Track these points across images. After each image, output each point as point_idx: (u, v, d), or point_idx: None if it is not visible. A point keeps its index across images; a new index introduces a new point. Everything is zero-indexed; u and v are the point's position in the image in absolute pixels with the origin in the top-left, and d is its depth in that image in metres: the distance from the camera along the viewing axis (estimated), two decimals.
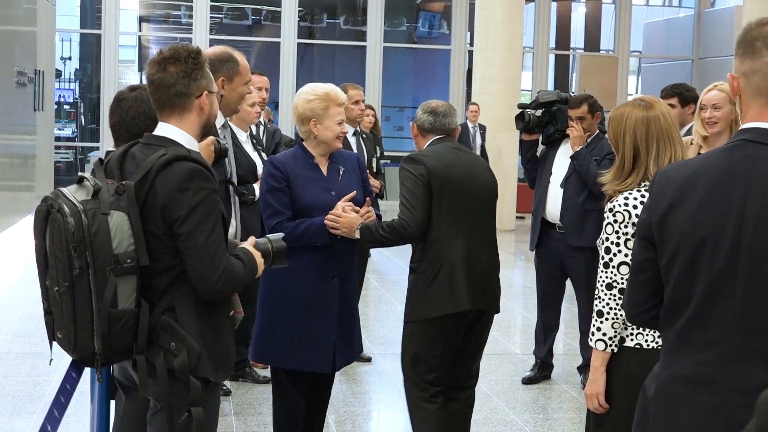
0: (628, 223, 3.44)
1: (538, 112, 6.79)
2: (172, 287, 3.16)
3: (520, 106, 6.91)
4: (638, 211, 3.44)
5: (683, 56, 21.56)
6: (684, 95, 6.60)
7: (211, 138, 3.91)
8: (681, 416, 2.50)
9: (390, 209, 16.35)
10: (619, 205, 3.48)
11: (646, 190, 3.46)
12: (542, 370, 7.06)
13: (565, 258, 6.75)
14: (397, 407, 6.51)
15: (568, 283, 6.98)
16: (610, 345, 3.51)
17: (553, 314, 7.03)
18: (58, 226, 2.99)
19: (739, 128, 2.52)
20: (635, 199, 3.48)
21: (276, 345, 4.67)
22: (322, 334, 4.70)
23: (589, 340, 3.58)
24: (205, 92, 3.28)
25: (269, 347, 4.70)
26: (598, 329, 3.52)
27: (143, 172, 3.11)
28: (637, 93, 24.40)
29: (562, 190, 6.71)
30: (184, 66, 3.24)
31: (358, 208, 4.69)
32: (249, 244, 3.44)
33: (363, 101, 7.67)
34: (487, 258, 4.83)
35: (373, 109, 11.04)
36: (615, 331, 3.50)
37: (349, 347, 4.85)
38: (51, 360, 3.33)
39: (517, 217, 16.15)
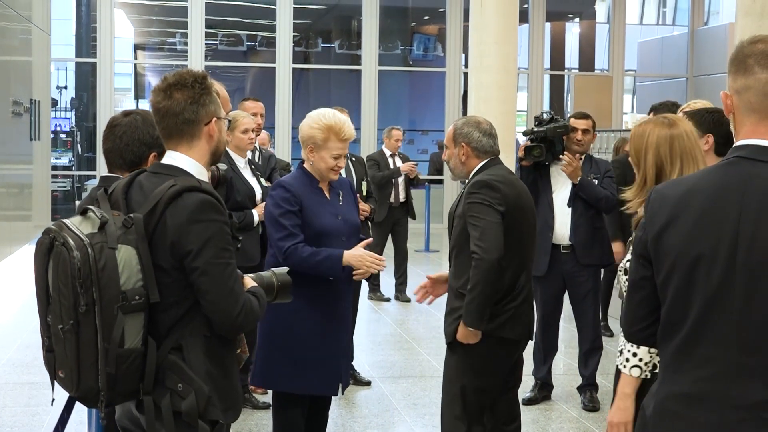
0: None
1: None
2: (179, 324, 3.03)
3: (527, 133, 6.77)
4: None
5: (678, 74, 21.61)
6: (658, 111, 6.45)
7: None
8: None
9: (415, 231, 16.24)
10: None
11: None
12: (542, 391, 7.04)
13: (571, 278, 6.74)
14: (398, 431, 6.49)
15: (566, 303, 6.98)
16: (645, 371, 3.34)
17: (553, 336, 7.03)
18: (63, 261, 2.86)
19: (733, 145, 2.52)
20: None
21: (286, 370, 4.66)
22: (331, 358, 4.72)
23: (621, 366, 3.42)
24: (214, 118, 3.17)
25: (277, 372, 4.68)
26: (634, 354, 3.32)
27: (152, 204, 2.99)
28: (632, 112, 24.42)
29: (569, 210, 6.70)
30: (191, 92, 3.11)
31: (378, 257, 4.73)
32: (248, 282, 3.26)
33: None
34: (531, 287, 4.85)
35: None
36: (651, 356, 3.31)
37: (348, 369, 4.95)
38: (53, 400, 3.22)
39: None
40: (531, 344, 7.10)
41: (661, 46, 22.93)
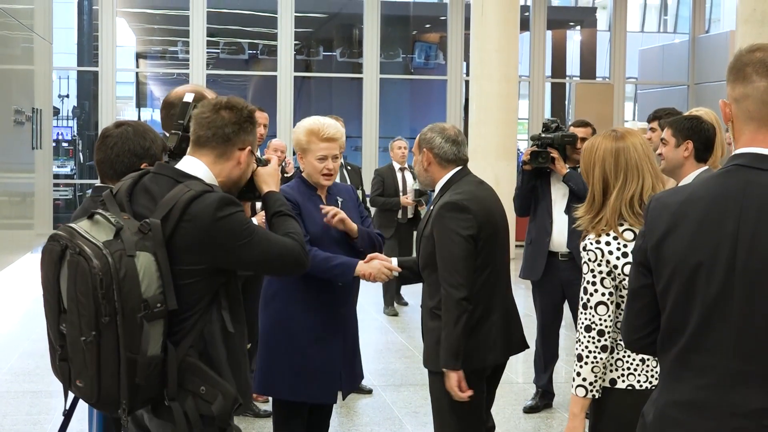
0: (601, 261, 3.38)
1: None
2: (200, 322, 3.04)
3: (534, 138, 6.79)
4: (611, 248, 3.39)
5: (679, 82, 21.62)
6: (663, 119, 6.46)
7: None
8: None
9: None
10: (591, 243, 3.42)
11: (625, 230, 3.42)
12: (543, 399, 7.04)
13: (570, 286, 6.70)
14: None
15: (566, 311, 6.97)
16: (591, 390, 3.39)
17: (553, 344, 7.03)
18: (81, 271, 2.83)
19: (732, 153, 2.53)
20: (608, 235, 3.42)
21: (283, 377, 4.64)
22: (329, 366, 4.71)
23: (571, 385, 3.48)
24: (249, 148, 3.24)
25: (275, 380, 4.66)
26: (578, 374, 3.40)
27: (167, 208, 3.00)
28: (633, 119, 24.46)
29: (566, 217, 6.70)
30: (239, 115, 3.21)
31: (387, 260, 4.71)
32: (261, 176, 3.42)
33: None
34: (512, 299, 4.63)
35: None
36: (595, 376, 3.39)
37: (353, 375, 4.90)
38: (65, 410, 3.19)
39: (516, 246, 16.13)
40: (532, 352, 7.13)
41: (662, 54, 22.96)
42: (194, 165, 3.18)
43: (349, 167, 8.24)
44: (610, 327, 3.37)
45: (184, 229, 2.99)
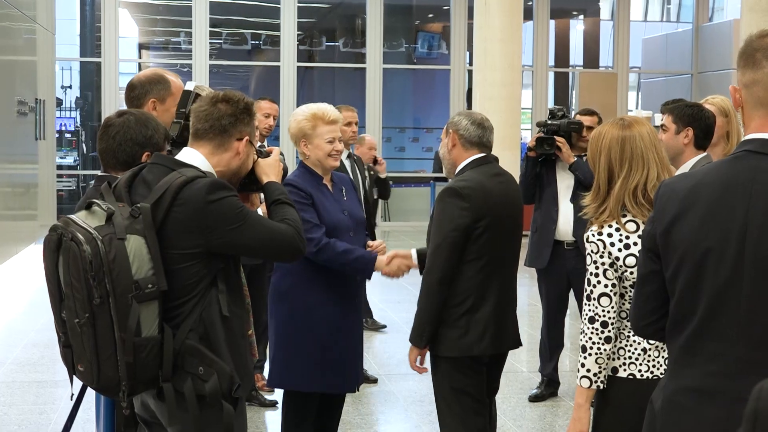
0: (603, 252, 3.36)
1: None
2: (198, 305, 3.10)
3: (540, 125, 6.77)
4: (613, 240, 3.37)
5: (682, 71, 21.57)
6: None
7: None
8: (688, 428, 2.49)
9: (394, 230, 16.23)
10: (593, 235, 3.40)
11: (628, 221, 3.40)
12: (549, 388, 7.03)
13: (575, 274, 6.68)
14: (404, 428, 6.49)
15: (571, 300, 6.96)
16: (595, 381, 3.38)
17: (559, 332, 7.02)
18: (73, 256, 2.92)
19: (742, 139, 2.52)
20: (610, 226, 3.40)
21: (303, 370, 4.64)
22: (351, 355, 4.73)
23: (576, 376, 3.47)
24: (246, 138, 3.30)
25: (294, 372, 4.66)
26: (583, 365, 3.39)
27: (159, 193, 3.07)
28: (637, 108, 24.42)
29: (572, 205, 6.69)
30: (235, 107, 3.28)
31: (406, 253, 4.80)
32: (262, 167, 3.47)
33: (356, 123, 7.51)
34: (513, 295, 4.62)
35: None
36: (599, 367, 3.38)
37: (362, 366, 4.96)
38: (72, 395, 3.28)
39: (523, 236, 16.12)
40: (537, 341, 7.13)
41: (666, 43, 22.89)
42: (191, 155, 3.26)
43: (354, 157, 8.22)
44: (614, 318, 3.37)
45: (176, 213, 3.07)
